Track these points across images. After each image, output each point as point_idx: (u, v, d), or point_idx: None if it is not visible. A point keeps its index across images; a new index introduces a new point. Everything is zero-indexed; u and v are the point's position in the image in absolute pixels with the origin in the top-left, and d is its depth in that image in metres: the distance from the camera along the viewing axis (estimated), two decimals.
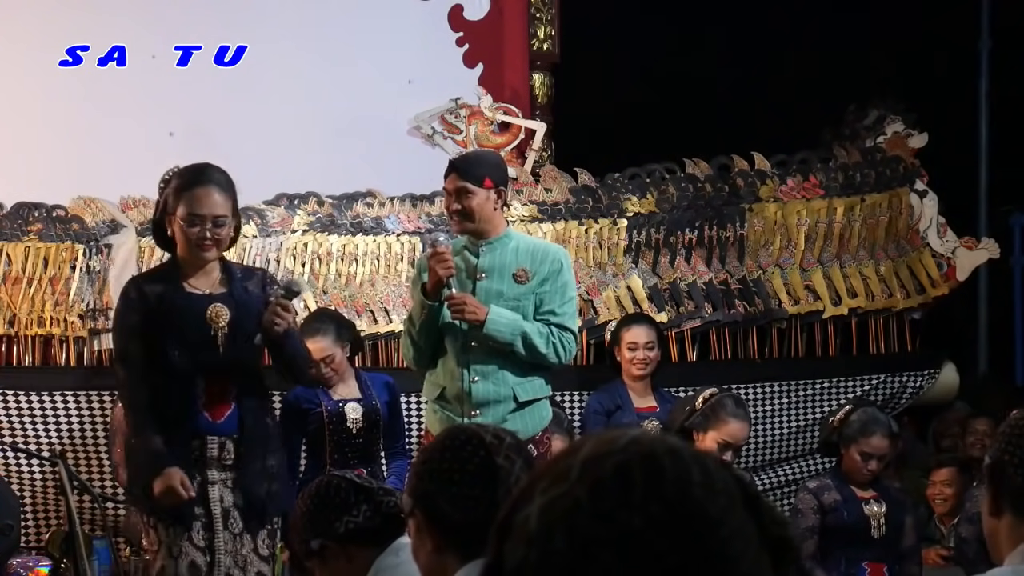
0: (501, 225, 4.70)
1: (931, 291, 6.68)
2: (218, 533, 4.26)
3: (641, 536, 1.15)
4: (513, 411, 4.58)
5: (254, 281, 4.40)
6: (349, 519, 3.04)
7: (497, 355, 4.59)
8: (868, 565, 5.04)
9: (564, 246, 6.45)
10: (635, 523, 1.15)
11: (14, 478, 5.75)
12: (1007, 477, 2.17)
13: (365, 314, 6.22)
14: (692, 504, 1.17)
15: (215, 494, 4.26)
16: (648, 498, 1.16)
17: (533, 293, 4.64)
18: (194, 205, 4.22)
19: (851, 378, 6.52)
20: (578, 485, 1.18)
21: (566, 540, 1.16)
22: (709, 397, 5.11)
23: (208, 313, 4.23)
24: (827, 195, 6.71)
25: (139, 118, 6.50)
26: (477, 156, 4.68)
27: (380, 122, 6.70)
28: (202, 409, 4.24)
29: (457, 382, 4.63)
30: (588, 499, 1.17)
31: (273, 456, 4.38)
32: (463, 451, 2.42)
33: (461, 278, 4.65)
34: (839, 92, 7.30)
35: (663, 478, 1.18)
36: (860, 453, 5.03)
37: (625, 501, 1.16)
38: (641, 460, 1.19)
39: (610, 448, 1.21)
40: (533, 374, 4.66)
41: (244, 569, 4.29)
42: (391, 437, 5.45)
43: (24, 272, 6.05)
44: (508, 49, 7.00)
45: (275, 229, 6.31)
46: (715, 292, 6.52)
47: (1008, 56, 7.46)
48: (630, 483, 1.17)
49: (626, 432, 1.24)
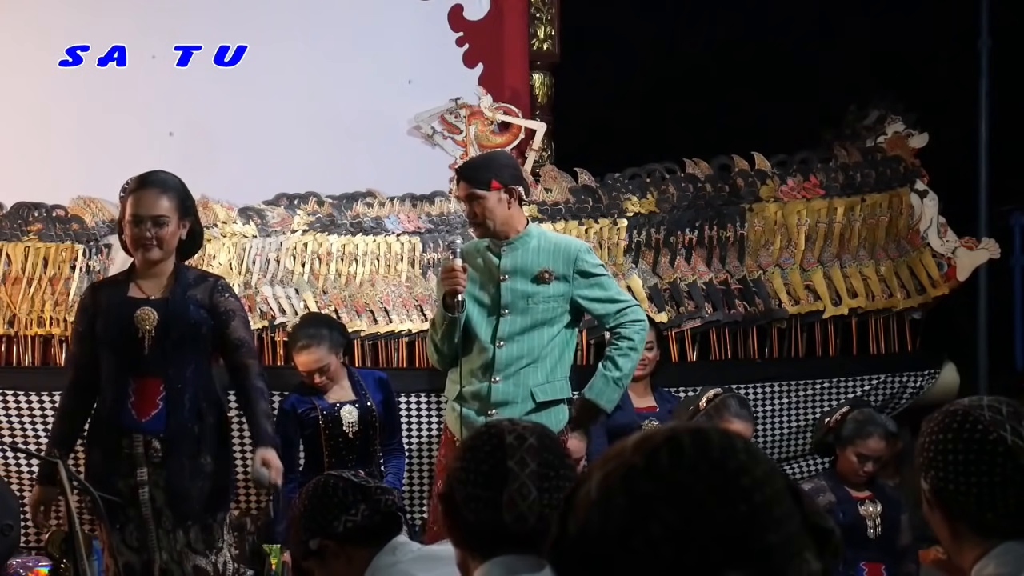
0: (521, 223, 4.69)
1: (931, 291, 6.68)
2: (150, 532, 4.42)
3: (692, 492, 1.25)
4: (530, 412, 4.59)
5: (203, 288, 4.53)
6: (347, 518, 3.04)
7: (520, 358, 4.60)
8: (866, 565, 5.04)
9: None
10: (686, 480, 1.26)
11: (14, 478, 5.76)
12: (965, 511, 2.16)
13: (365, 314, 6.23)
14: (737, 464, 1.28)
15: (144, 495, 4.41)
16: (698, 460, 1.27)
17: (562, 296, 4.65)
18: (136, 206, 4.42)
19: (851, 378, 6.52)
20: (633, 455, 1.30)
21: (625, 499, 1.27)
22: (713, 397, 5.11)
23: (136, 315, 4.41)
24: (827, 195, 6.71)
25: (139, 118, 6.50)
26: (482, 160, 4.67)
27: (380, 122, 6.69)
28: (131, 408, 4.41)
29: (479, 381, 4.64)
30: (643, 464, 1.28)
31: (208, 455, 4.48)
32: (481, 451, 2.43)
33: (484, 280, 4.66)
34: (839, 92, 7.30)
35: (710, 445, 1.29)
36: (857, 455, 5.03)
37: (677, 463, 1.27)
38: (689, 432, 1.31)
39: (659, 429, 1.34)
40: (555, 377, 4.67)
41: (180, 564, 4.43)
42: (387, 434, 5.46)
43: (24, 272, 6.06)
44: (508, 49, 7.00)
45: (275, 229, 6.32)
46: (715, 292, 6.52)
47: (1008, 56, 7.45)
48: (680, 449, 1.29)
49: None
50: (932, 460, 2.19)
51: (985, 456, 2.14)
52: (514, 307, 4.62)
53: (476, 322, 4.64)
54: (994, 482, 2.13)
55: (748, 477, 1.27)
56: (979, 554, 2.16)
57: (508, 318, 4.63)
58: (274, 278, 6.25)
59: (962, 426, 2.18)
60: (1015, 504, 2.14)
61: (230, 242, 6.26)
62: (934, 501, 2.21)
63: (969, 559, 2.17)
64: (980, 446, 2.15)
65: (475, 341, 4.67)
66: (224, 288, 4.59)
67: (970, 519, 2.16)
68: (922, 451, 2.22)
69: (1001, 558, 2.14)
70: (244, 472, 5.89)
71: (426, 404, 6.00)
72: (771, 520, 1.25)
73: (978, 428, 2.17)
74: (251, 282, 6.21)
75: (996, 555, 2.14)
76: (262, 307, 6.16)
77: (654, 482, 1.26)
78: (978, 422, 2.17)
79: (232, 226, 6.28)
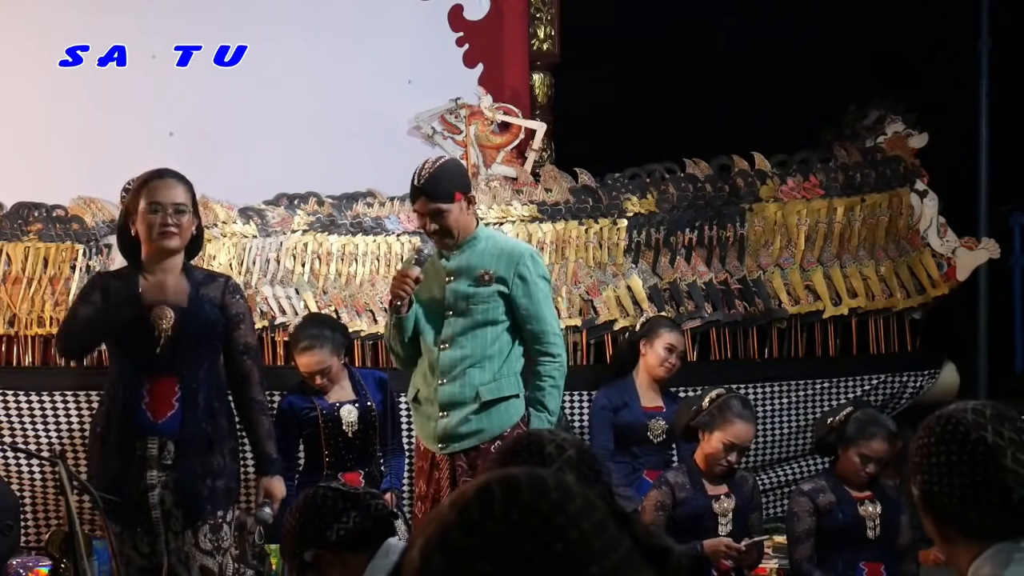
0: (472, 227, 4.69)
1: (931, 291, 6.68)
2: (159, 536, 4.35)
3: (507, 540, 1.26)
4: (477, 411, 4.59)
5: (214, 287, 4.44)
6: (339, 526, 3.05)
7: (463, 359, 4.60)
8: (865, 565, 5.03)
9: (564, 246, 6.47)
10: (500, 530, 1.26)
11: (14, 478, 5.76)
12: (951, 512, 2.17)
13: (365, 314, 6.23)
14: (549, 505, 1.28)
15: (154, 499, 4.34)
16: (509, 507, 1.28)
17: (499, 294, 4.63)
18: (154, 194, 4.29)
19: (851, 378, 6.52)
20: (449, 513, 1.31)
21: (443, 558, 1.27)
22: (716, 397, 5.11)
23: (153, 314, 4.29)
24: (827, 195, 6.71)
25: (139, 118, 6.50)
26: (440, 172, 4.58)
27: (380, 122, 6.70)
28: (146, 409, 4.31)
29: (427, 384, 4.66)
30: (457, 521, 1.29)
31: (219, 455, 4.41)
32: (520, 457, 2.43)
33: (433, 283, 4.65)
34: (839, 92, 7.30)
35: (519, 489, 1.29)
36: (859, 455, 5.02)
37: (488, 514, 1.28)
38: (498, 481, 1.31)
39: (471, 483, 1.34)
40: (501, 375, 4.65)
41: (187, 565, 4.36)
42: (387, 434, 5.46)
43: (24, 272, 6.06)
44: (508, 49, 7.00)
45: (275, 229, 6.32)
46: (715, 292, 6.52)
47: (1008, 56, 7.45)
48: (490, 499, 1.29)
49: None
50: (919, 464, 2.21)
51: (966, 456, 2.15)
52: (456, 308, 4.62)
53: (424, 325, 4.66)
54: (976, 482, 2.14)
55: (562, 515, 1.27)
56: (972, 556, 2.16)
57: (451, 320, 4.63)
58: (274, 278, 6.25)
59: (944, 428, 2.19)
60: (998, 503, 2.14)
61: (230, 242, 6.25)
62: (923, 505, 2.22)
63: (964, 561, 2.17)
64: (961, 446, 2.16)
65: (424, 344, 4.69)
66: (235, 289, 4.51)
67: (957, 521, 2.17)
68: (911, 456, 2.24)
69: (996, 559, 2.14)
70: (244, 472, 5.89)
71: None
72: (592, 553, 1.26)
73: (960, 429, 2.18)
74: (251, 282, 6.21)
75: (990, 556, 2.15)
76: (262, 307, 6.16)
77: (469, 537, 1.27)
78: (960, 423, 2.18)
79: (232, 226, 6.28)
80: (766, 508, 6.12)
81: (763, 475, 6.40)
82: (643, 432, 5.79)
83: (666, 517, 5.04)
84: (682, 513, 5.06)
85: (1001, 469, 2.14)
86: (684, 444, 5.51)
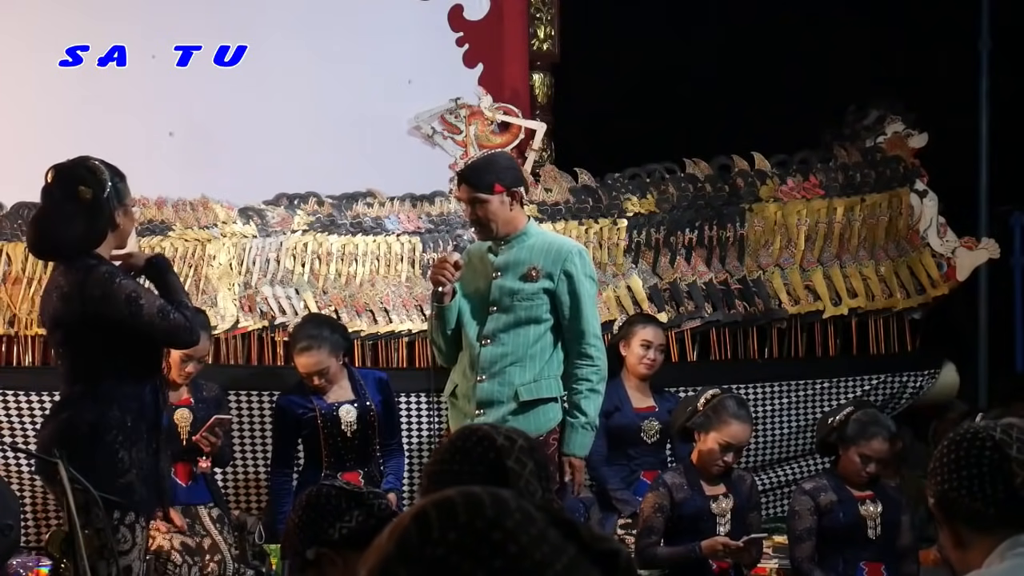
0: (521, 223, 4.68)
1: (931, 291, 6.68)
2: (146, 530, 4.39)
3: (445, 562, 1.25)
4: (515, 412, 4.58)
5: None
6: (342, 525, 3.05)
7: (504, 356, 4.59)
8: (866, 565, 5.03)
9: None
10: (438, 554, 1.26)
11: (14, 478, 5.76)
12: (960, 507, 2.24)
13: (365, 314, 6.23)
14: (485, 522, 1.27)
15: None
16: (446, 529, 1.27)
17: (544, 291, 4.63)
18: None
19: (851, 378, 6.52)
20: (388, 543, 1.29)
21: None
22: (711, 398, 5.10)
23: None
24: (827, 195, 6.71)
25: (139, 118, 6.49)
26: (485, 162, 4.59)
27: (380, 122, 6.69)
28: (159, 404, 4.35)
29: (467, 380, 4.64)
30: (396, 550, 1.28)
31: (123, 450, 4.19)
32: (473, 453, 2.41)
33: (480, 278, 4.64)
34: (839, 92, 7.30)
35: (455, 510, 1.28)
36: (860, 455, 5.02)
37: (426, 539, 1.27)
38: (434, 504, 1.30)
39: (408, 511, 1.34)
40: (542, 376, 4.65)
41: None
42: (386, 434, 5.46)
43: (24, 272, 6.06)
44: (508, 49, 7.00)
45: (275, 229, 6.32)
46: (715, 292, 6.52)
47: (1008, 56, 7.46)
48: (427, 523, 1.28)
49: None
50: (933, 470, 2.30)
51: (973, 451, 2.25)
52: (500, 304, 4.62)
53: (467, 320, 4.65)
54: (982, 472, 2.23)
55: (499, 531, 1.27)
56: (986, 553, 2.21)
57: (494, 315, 4.63)
58: (274, 278, 6.25)
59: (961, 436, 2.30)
60: (1003, 490, 2.21)
61: (230, 242, 6.25)
62: (937, 510, 2.29)
63: (979, 561, 2.20)
64: (970, 444, 2.26)
65: (466, 339, 4.68)
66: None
67: (966, 515, 2.23)
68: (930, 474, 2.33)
69: (1011, 550, 2.18)
70: (245, 472, 5.89)
71: (426, 404, 6.00)
72: (534, 565, 1.25)
73: (970, 431, 2.30)
74: (251, 282, 6.21)
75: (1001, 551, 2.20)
76: (262, 307, 6.16)
77: (408, 565, 1.26)
78: (971, 429, 2.31)
79: (232, 226, 6.28)
80: (766, 508, 6.13)
81: (763, 475, 6.40)
82: (637, 433, 5.79)
83: (664, 519, 5.04)
84: (681, 514, 5.05)
85: (1006, 459, 2.23)
86: (681, 445, 5.51)
